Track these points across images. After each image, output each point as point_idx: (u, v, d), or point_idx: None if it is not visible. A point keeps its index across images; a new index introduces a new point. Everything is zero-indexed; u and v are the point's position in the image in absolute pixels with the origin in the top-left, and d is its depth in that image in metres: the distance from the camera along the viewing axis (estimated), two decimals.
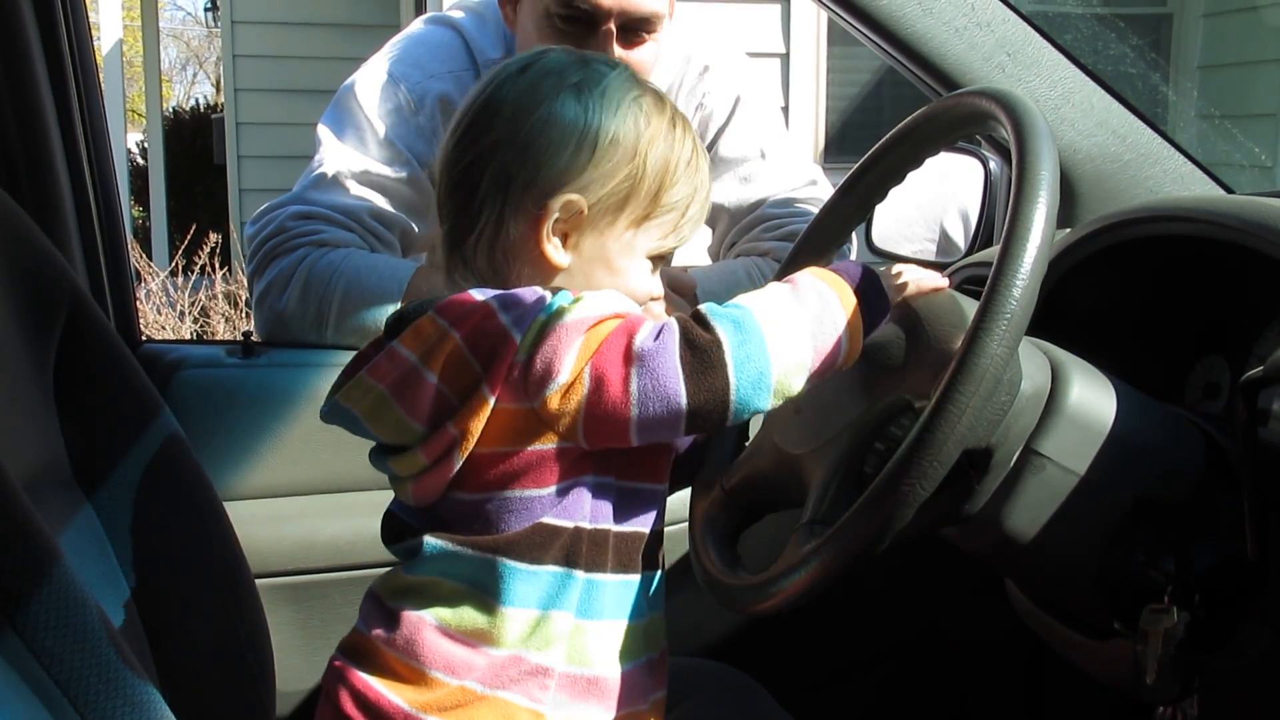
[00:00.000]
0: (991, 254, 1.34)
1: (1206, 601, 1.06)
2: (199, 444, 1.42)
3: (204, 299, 5.66)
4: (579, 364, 1.02)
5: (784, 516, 1.18)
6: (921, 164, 1.24)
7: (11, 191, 1.41)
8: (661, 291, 1.18)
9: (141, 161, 10.76)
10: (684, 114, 1.17)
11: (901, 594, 1.81)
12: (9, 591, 0.89)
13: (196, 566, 1.32)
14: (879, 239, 1.82)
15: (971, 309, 1.06)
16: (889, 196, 1.29)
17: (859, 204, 1.31)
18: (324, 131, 1.83)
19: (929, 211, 1.84)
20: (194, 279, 5.58)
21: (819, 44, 6.02)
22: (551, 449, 1.04)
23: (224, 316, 5.59)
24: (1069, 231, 1.34)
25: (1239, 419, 1.04)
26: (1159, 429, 1.13)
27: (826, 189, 1.93)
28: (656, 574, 1.14)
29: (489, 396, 1.03)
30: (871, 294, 1.09)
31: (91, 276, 1.70)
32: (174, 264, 5.94)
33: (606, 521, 1.09)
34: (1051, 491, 1.08)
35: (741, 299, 1.07)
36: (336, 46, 7.93)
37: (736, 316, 1.04)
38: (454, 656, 1.07)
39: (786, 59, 5.85)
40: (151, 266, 6.02)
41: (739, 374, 1.02)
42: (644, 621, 1.12)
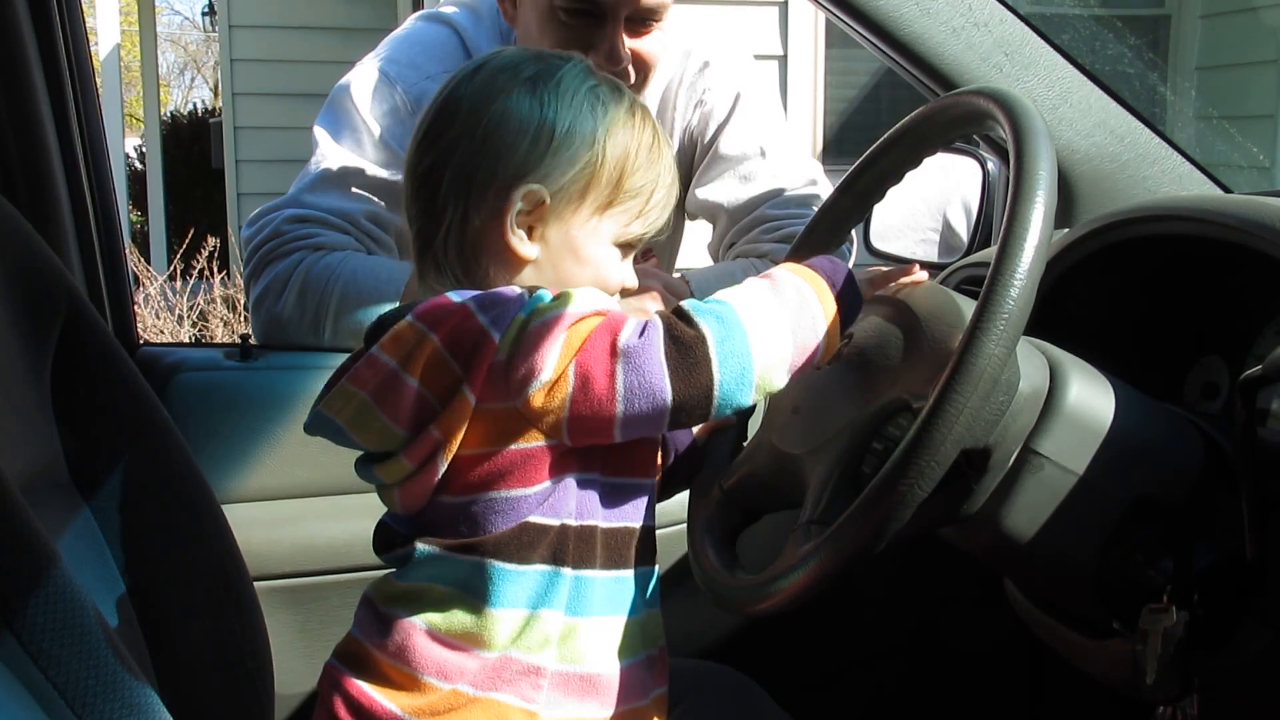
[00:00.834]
0: (989, 254, 1.34)
1: (1205, 601, 1.05)
2: (197, 447, 1.42)
3: (202, 303, 5.67)
4: (562, 361, 1.02)
5: (782, 517, 1.18)
6: (920, 164, 1.24)
7: (8, 195, 1.41)
8: (635, 281, 1.18)
9: (140, 166, 10.76)
10: (644, 104, 1.17)
11: (900, 594, 1.81)
12: (6, 595, 0.89)
13: (194, 569, 1.32)
14: (877, 239, 1.83)
15: (969, 309, 1.06)
16: (888, 196, 1.29)
17: (857, 203, 1.31)
18: (320, 133, 1.82)
19: (934, 203, 1.84)
20: (192, 283, 5.58)
21: (817, 46, 6.03)
22: (535, 447, 1.04)
23: (222, 320, 5.59)
24: (1067, 231, 1.34)
25: (1238, 418, 1.04)
26: (1158, 428, 1.13)
27: (826, 188, 1.93)
28: (651, 569, 1.14)
29: (470, 398, 1.03)
30: (846, 289, 1.10)
31: (89, 280, 1.70)
32: (172, 268, 5.93)
33: (593, 517, 1.09)
34: (1050, 491, 1.08)
35: (722, 294, 1.07)
36: (334, 50, 7.93)
37: (719, 312, 1.04)
38: (446, 660, 1.07)
39: (784, 61, 5.86)
40: (150, 271, 6.02)
41: (723, 369, 1.02)
42: (639, 617, 1.12)
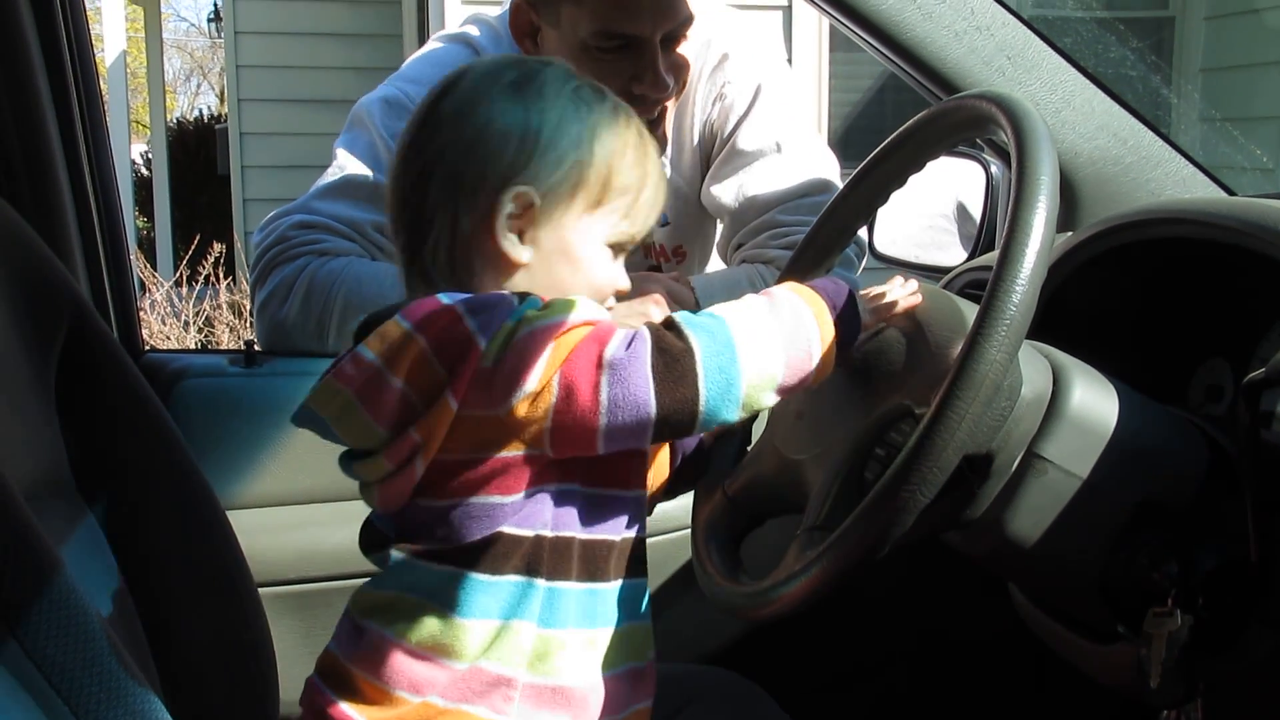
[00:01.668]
0: (992, 258, 1.34)
1: (1210, 604, 1.05)
2: (201, 453, 1.42)
3: (208, 309, 5.68)
4: (548, 371, 1.01)
5: (786, 522, 1.18)
6: (923, 167, 1.24)
7: (13, 201, 1.41)
8: (628, 283, 1.16)
9: (146, 172, 10.80)
10: (626, 105, 1.16)
11: (904, 599, 1.80)
12: (10, 601, 0.89)
13: (199, 575, 1.32)
14: (881, 243, 1.82)
15: (971, 314, 1.06)
16: (891, 200, 1.29)
17: (861, 207, 1.31)
18: (338, 150, 1.85)
19: (939, 206, 1.83)
20: (198, 289, 5.59)
21: (821, 50, 6.04)
22: (516, 456, 1.03)
23: (228, 326, 5.60)
24: (1070, 235, 1.34)
25: (1242, 421, 1.04)
26: (1162, 432, 1.12)
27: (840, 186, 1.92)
28: (638, 581, 1.13)
29: (452, 403, 1.02)
30: (847, 313, 1.09)
31: (94, 286, 1.70)
32: (178, 274, 5.95)
33: (571, 529, 1.07)
34: (1054, 495, 1.07)
35: (717, 309, 1.06)
36: (339, 56, 7.97)
37: (710, 326, 1.04)
38: (416, 673, 1.06)
39: (789, 65, 5.86)
40: (156, 277, 6.04)
41: (708, 384, 1.01)
42: (621, 630, 1.10)
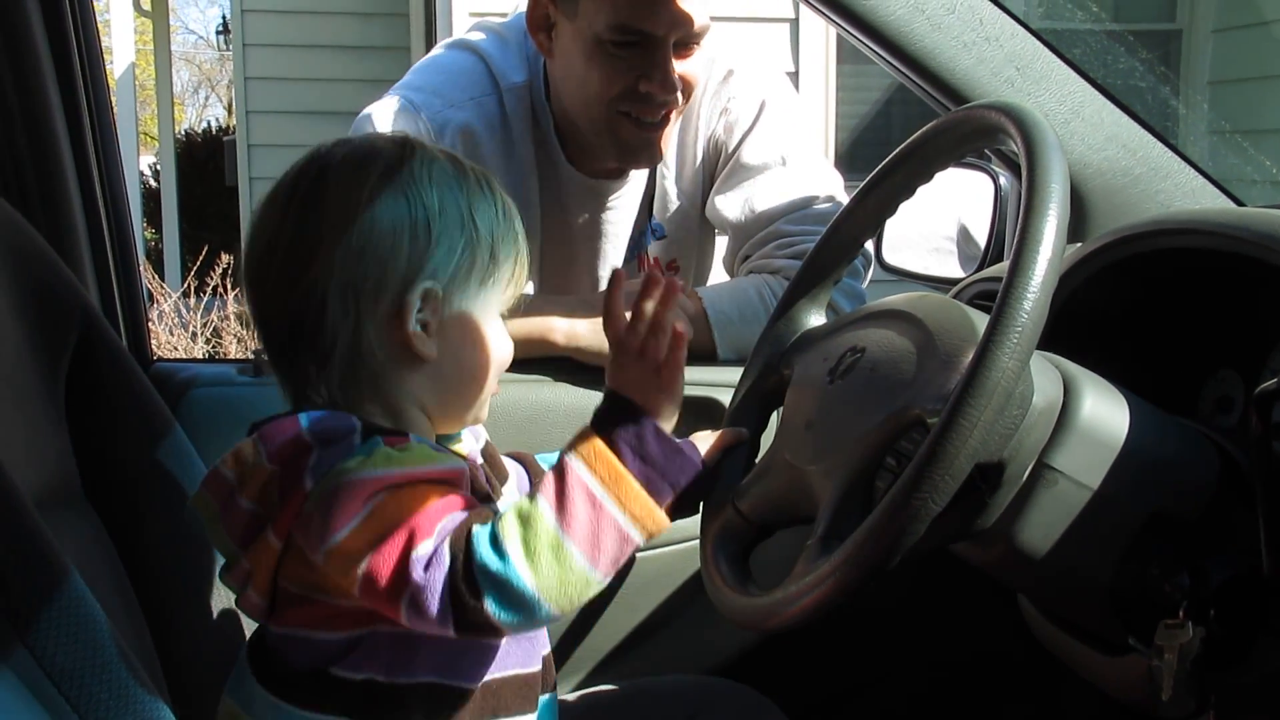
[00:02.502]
0: (1002, 269, 1.34)
1: (1222, 617, 1.05)
2: (209, 462, 1.41)
3: (216, 319, 5.69)
4: (357, 536, 0.98)
5: (796, 533, 1.17)
6: (931, 178, 1.24)
7: (24, 211, 1.42)
8: (510, 349, 1.15)
9: (154, 184, 10.83)
10: (481, 169, 1.14)
11: (913, 611, 1.80)
12: (20, 608, 0.89)
13: (207, 584, 1.33)
14: (890, 253, 1.82)
15: (982, 323, 1.05)
16: (900, 211, 1.29)
17: (869, 218, 1.30)
18: None
19: (947, 217, 1.83)
20: (206, 300, 5.60)
21: (828, 62, 6.03)
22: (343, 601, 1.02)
23: (236, 337, 5.61)
24: (1080, 246, 1.34)
25: (1253, 432, 1.03)
26: (1172, 443, 1.12)
27: (845, 201, 1.92)
28: (523, 716, 1.11)
29: (276, 538, 1.03)
30: (661, 461, 1.07)
31: (103, 296, 1.70)
32: (186, 285, 5.95)
33: (412, 674, 1.05)
34: (1065, 506, 1.07)
35: (514, 531, 1.00)
36: (347, 68, 7.98)
37: (513, 563, 0.98)
38: None
39: (796, 77, 5.86)
40: (164, 288, 6.05)
41: (503, 616, 0.98)
42: None
